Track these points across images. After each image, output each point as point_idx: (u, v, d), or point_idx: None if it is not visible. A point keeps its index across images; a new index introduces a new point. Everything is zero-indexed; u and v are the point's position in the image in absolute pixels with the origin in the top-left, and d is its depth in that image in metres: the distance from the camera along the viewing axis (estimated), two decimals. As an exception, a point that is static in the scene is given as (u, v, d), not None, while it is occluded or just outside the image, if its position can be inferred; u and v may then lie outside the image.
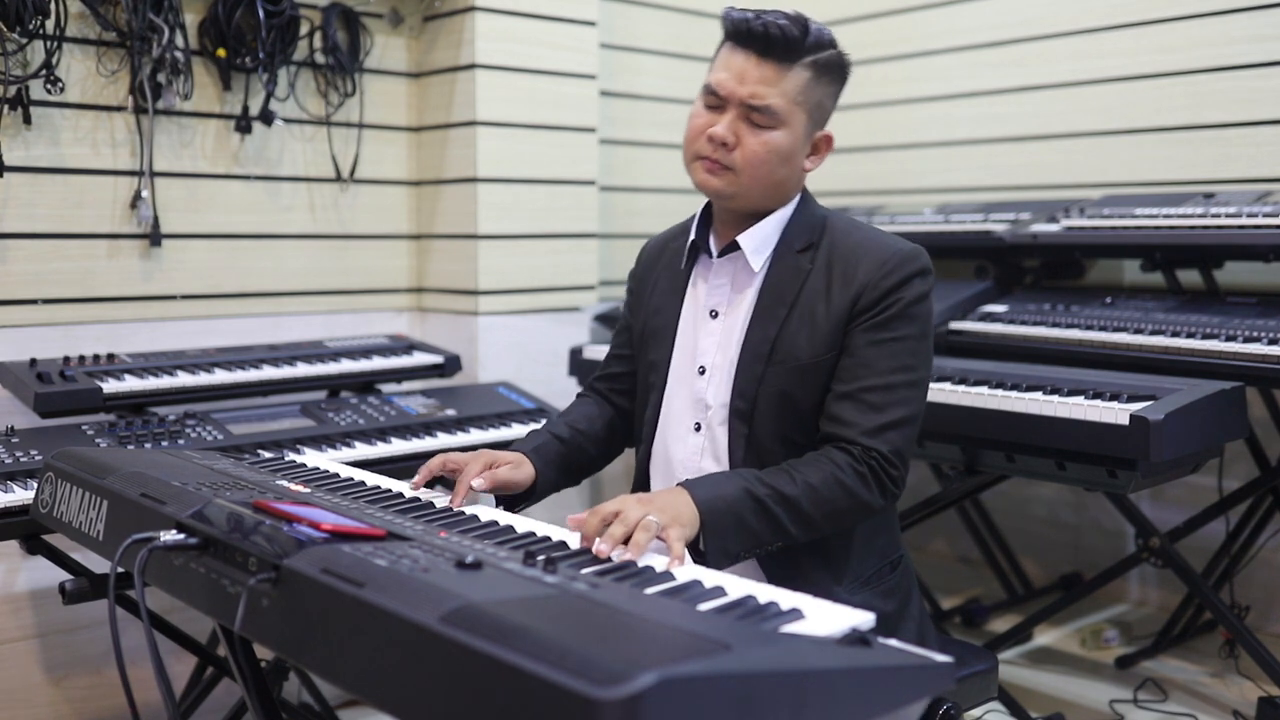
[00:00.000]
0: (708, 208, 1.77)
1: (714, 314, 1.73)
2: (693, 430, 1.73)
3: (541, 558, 1.18)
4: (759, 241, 1.69)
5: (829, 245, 1.67)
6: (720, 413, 1.69)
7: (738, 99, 1.60)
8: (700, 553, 1.46)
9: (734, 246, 1.70)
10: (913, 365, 1.61)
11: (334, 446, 2.31)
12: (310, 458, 2.09)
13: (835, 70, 1.65)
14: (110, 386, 2.26)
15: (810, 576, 1.62)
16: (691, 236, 1.77)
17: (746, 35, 1.59)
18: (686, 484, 1.50)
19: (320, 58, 2.88)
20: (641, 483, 1.83)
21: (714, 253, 1.74)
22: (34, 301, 2.50)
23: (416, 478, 1.68)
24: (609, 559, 1.31)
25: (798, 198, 1.72)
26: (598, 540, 1.34)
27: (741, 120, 1.60)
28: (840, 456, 1.57)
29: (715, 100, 1.63)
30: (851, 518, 1.60)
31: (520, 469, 1.71)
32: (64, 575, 1.92)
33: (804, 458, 1.60)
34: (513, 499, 1.74)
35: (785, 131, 1.61)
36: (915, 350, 1.62)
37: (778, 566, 1.61)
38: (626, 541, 1.34)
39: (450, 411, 2.55)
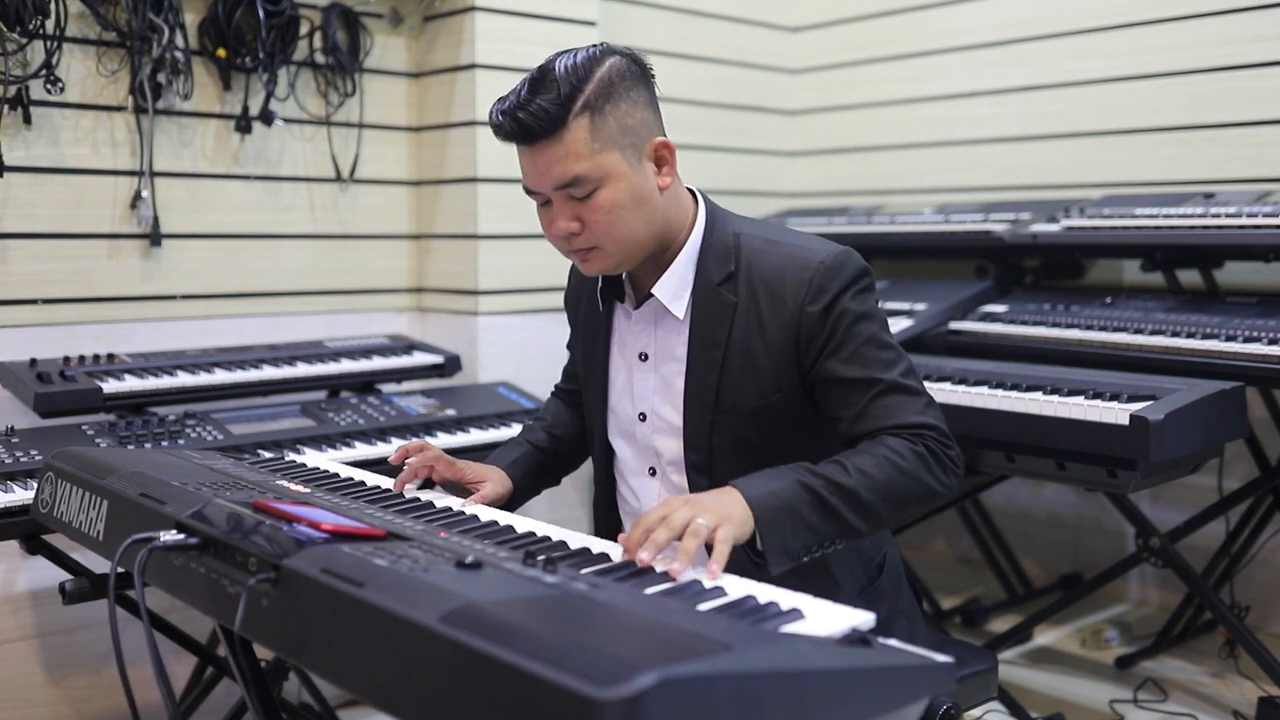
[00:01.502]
0: None
1: (644, 357, 1.67)
2: (647, 475, 1.71)
3: (541, 558, 1.18)
4: (675, 287, 1.60)
5: (748, 270, 1.58)
6: (675, 465, 1.65)
7: (549, 189, 1.50)
8: (758, 554, 1.37)
9: (651, 295, 1.62)
10: (892, 344, 1.56)
11: (334, 446, 2.30)
12: (310, 458, 2.09)
13: (617, 88, 1.50)
14: (110, 386, 2.26)
15: None
16: (599, 286, 1.69)
17: (507, 136, 1.50)
18: (735, 482, 1.40)
19: (320, 58, 2.88)
20: (612, 524, 1.79)
21: (631, 304, 1.66)
22: (34, 301, 2.50)
23: (394, 455, 1.71)
24: (608, 560, 1.30)
25: (701, 220, 1.62)
26: (640, 551, 1.25)
27: (569, 202, 1.50)
28: (893, 441, 1.49)
29: (540, 198, 1.54)
30: (917, 504, 1.50)
31: (500, 485, 1.71)
32: (64, 575, 1.93)
33: (857, 447, 1.50)
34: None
35: (610, 183, 1.49)
36: (884, 339, 1.56)
37: None
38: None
39: (450, 411, 2.55)
